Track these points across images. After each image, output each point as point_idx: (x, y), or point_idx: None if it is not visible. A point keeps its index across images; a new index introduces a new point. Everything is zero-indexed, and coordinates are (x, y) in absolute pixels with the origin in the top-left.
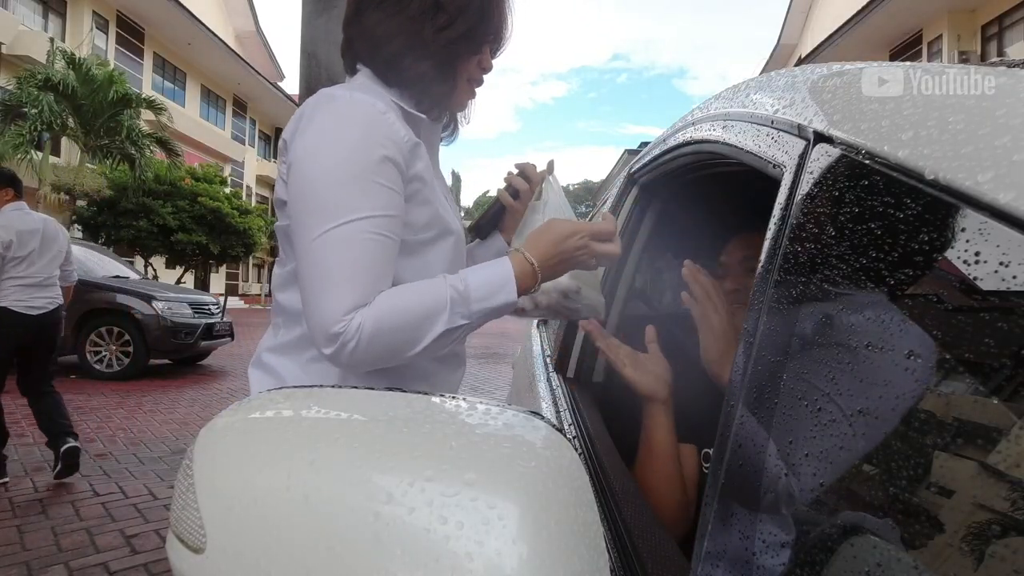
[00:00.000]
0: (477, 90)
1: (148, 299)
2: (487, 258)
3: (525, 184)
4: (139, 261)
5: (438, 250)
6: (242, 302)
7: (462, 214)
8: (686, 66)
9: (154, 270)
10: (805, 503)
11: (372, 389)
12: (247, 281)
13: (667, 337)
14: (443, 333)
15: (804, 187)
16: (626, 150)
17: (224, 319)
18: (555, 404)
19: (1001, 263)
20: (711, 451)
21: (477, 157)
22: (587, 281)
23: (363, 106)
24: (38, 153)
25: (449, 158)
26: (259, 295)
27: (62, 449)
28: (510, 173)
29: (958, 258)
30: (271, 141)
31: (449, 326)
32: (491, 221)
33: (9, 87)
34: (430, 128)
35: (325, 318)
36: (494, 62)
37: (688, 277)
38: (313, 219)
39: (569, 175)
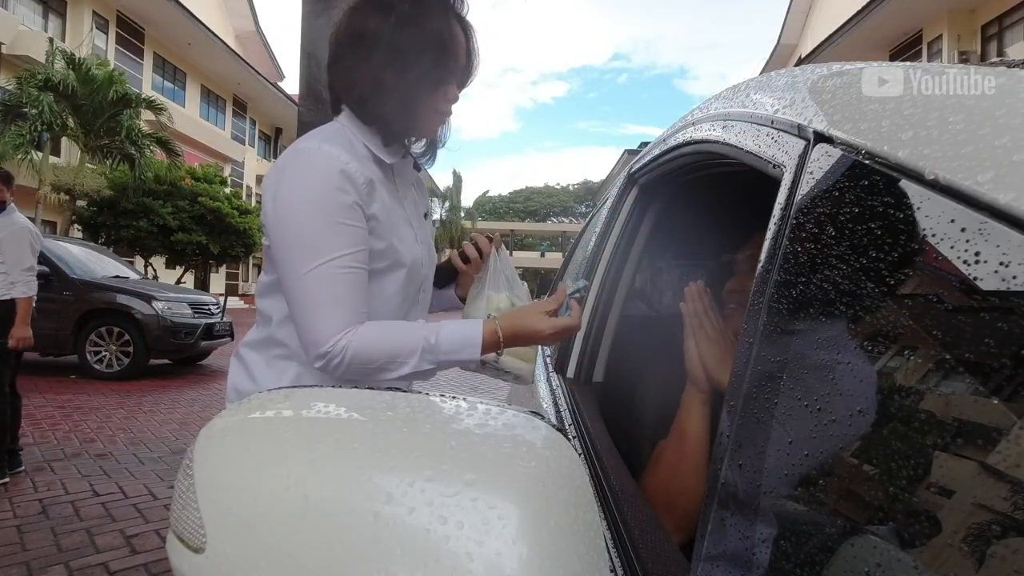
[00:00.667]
0: (451, 116)
1: (148, 299)
2: (437, 306)
3: (475, 253)
4: (139, 261)
5: (390, 280)
6: (242, 302)
7: (463, 215)
8: (687, 66)
9: (154, 270)
10: (805, 503)
11: (372, 389)
12: (247, 281)
13: (667, 337)
14: (411, 372)
15: (804, 187)
16: (626, 150)
17: (224, 319)
18: (555, 404)
19: (1001, 263)
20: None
21: (479, 157)
22: (511, 351)
23: (327, 159)
24: (38, 153)
25: (451, 158)
26: None
27: None
28: (465, 243)
29: (958, 258)
30: (271, 141)
31: (416, 368)
32: (446, 274)
33: (9, 87)
34: (400, 163)
35: (316, 340)
36: (499, 59)
37: (689, 290)
38: (297, 260)
39: (569, 175)
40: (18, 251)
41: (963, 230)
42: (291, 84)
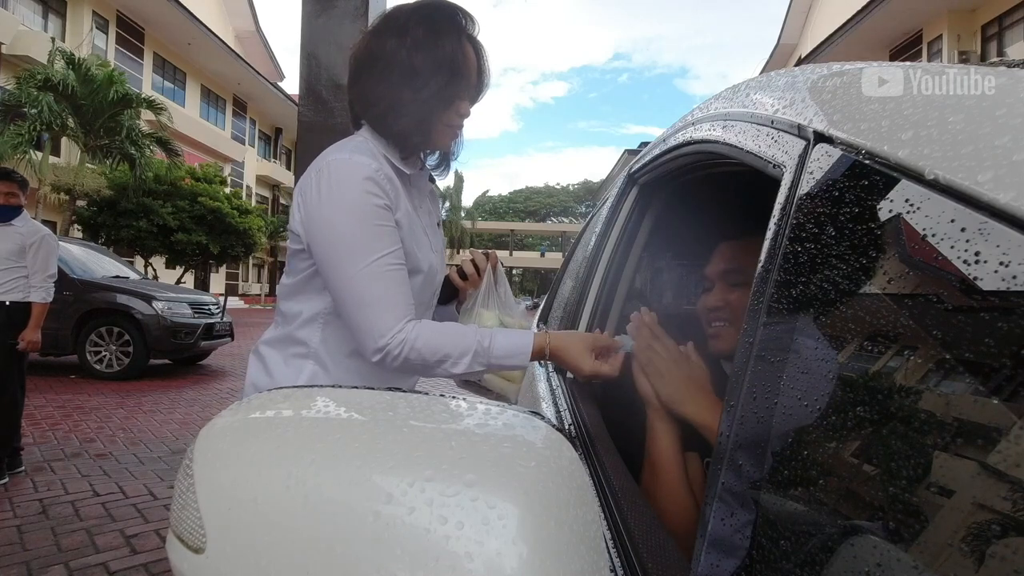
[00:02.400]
0: (463, 130)
1: (148, 299)
2: (440, 318)
3: (473, 270)
4: (139, 261)
5: (410, 284)
6: (242, 302)
7: (463, 214)
8: (687, 65)
9: (154, 270)
10: (805, 503)
11: (372, 389)
12: (247, 281)
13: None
14: (463, 372)
15: (804, 187)
16: (626, 150)
17: (224, 319)
18: (555, 404)
19: (1001, 263)
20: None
21: (480, 157)
22: (498, 372)
23: (358, 167)
24: (38, 153)
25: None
26: (259, 295)
27: None
28: (464, 260)
29: (958, 258)
30: (271, 141)
31: (468, 368)
32: (447, 290)
33: (9, 87)
34: (417, 175)
35: (374, 335)
36: (499, 69)
37: (634, 321)
38: (346, 262)
39: (569, 175)
40: (47, 258)
41: (963, 230)
42: (291, 84)
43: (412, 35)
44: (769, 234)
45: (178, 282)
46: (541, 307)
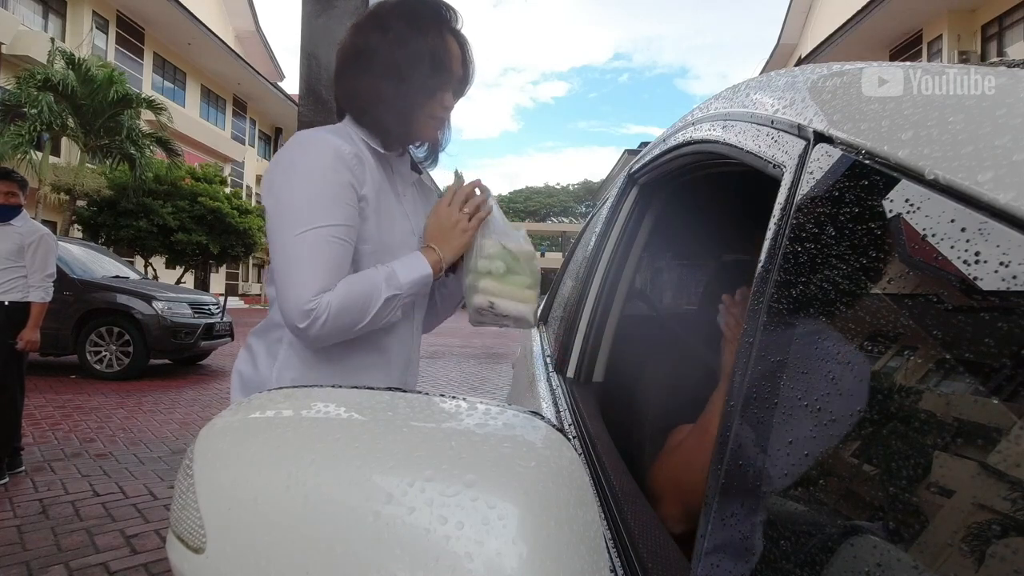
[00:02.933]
0: (453, 119)
1: (148, 299)
2: (458, 288)
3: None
4: (139, 261)
5: (370, 262)
6: (242, 302)
7: None
8: (688, 65)
9: (154, 270)
10: (805, 503)
11: (372, 389)
12: (247, 281)
13: (667, 337)
14: (384, 302)
15: (804, 187)
16: (626, 150)
17: (224, 319)
18: (555, 404)
19: (1001, 263)
20: None
21: (481, 157)
22: (500, 293)
23: (323, 142)
24: (38, 153)
25: (453, 158)
26: (259, 295)
27: None
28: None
29: (958, 258)
30: (271, 141)
31: (387, 295)
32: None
33: (9, 87)
34: (398, 160)
35: (299, 299)
36: (500, 64)
37: (728, 301)
38: (287, 226)
39: (569, 175)
40: (45, 258)
41: (963, 230)
42: (291, 84)
43: (394, 29)
44: (769, 234)
45: (178, 282)
46: (541, 307)
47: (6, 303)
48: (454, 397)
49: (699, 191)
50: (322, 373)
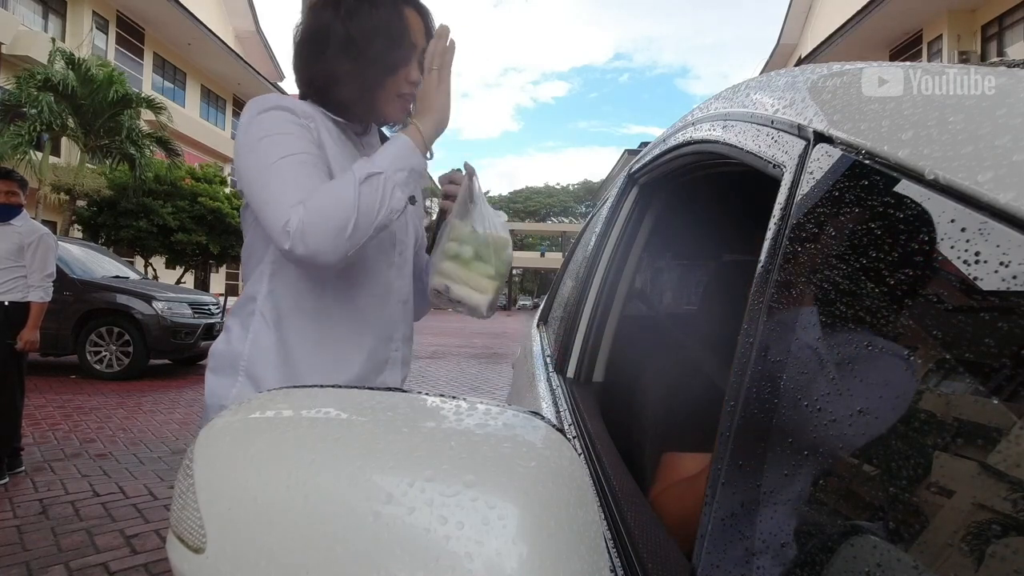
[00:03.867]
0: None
1: (148, 299)
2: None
3: (456, 188)
4: (139, 261)
5: None
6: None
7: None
8: (688, 65)
9: (154, 270)
10: (805, 503)
11: (372, 389)
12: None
13: (667, 337)
14: (366, 181)
15: (804, 187)
16: (626, 150)
17: (224, 319)
18: (555, 404)
19: (1001, 263)
20: None
21: (482, 157)
22: (458, 278)
23: (276, 99)
24: (38, 153)
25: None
26: None
27: None
28: (447, 184)
29: (958, 258)
30: None
31: (366, 173)
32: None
33: (9, 87)
34: (368, 136)
35: (277, 217)
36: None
37: None
38: (257, 162)
39: (570, 175)
40: (45, 257)
41: (963, 230)
42: (291, 84)
43: (345, 3)
44: (769, 234)
45: (178, 282)
46: (541, 307)
47: (6, 303)
48: (454, 397)
49: (699, 191)
50: (293, 339)
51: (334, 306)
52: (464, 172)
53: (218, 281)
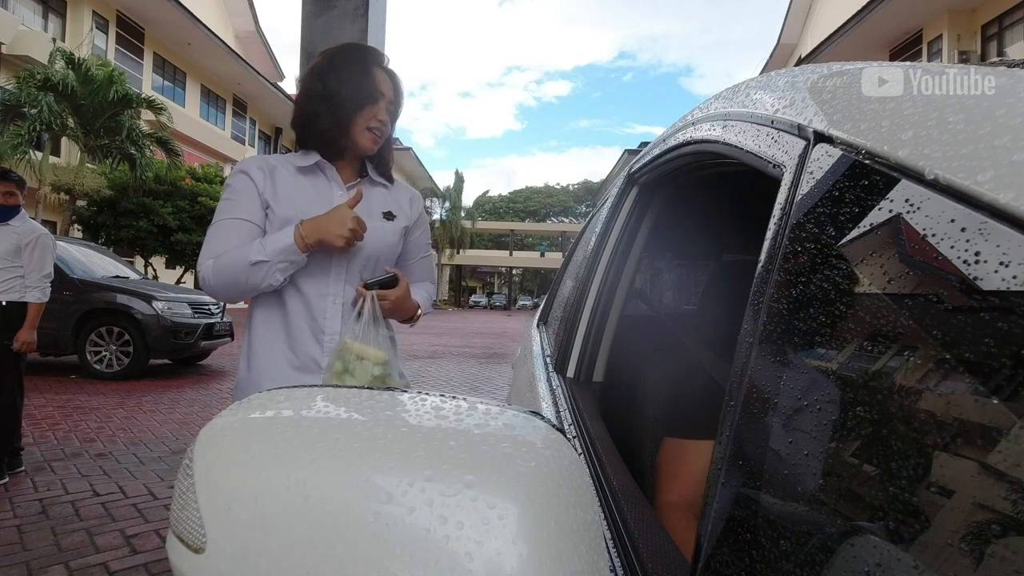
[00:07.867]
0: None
1: (148, 299)
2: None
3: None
4: (139, 261)
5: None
6: (242, 302)
7: (463, 214)
8: (693, 64)
9: (154, 270)
10: (805, 503)
11: (372, 389)
12: None
13: (667, 337)
14: (255, 264)
15: (804, 187)
16: (626, 150)
17: (224, 319)
18: (555, 404)
19: (1001, 263)
20: None
21: (483, 156)
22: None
23: (252, 162)
24: (38, 153)
25: (454, 159)
26: None
27: None
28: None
29: (958, 258)
30: (271, 141)
31: (255, 259)
32: (381, 283)
33: (9, 87)
34: (336, 169)
35: (201, 261)
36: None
37: None
38: (215, 215)
39: (573, 175)
40: (43, 257)
41: (963, 230)
42: (291, 84)
43: (323, 69)
44: (769, 234)
45: (178, 282)
46: (541, 307)
47: (3, 303)
48: (454, 397)
49: (699, 191)
50: (264, 314)
51: (280, 304)
52: (361, 295)
53: None
